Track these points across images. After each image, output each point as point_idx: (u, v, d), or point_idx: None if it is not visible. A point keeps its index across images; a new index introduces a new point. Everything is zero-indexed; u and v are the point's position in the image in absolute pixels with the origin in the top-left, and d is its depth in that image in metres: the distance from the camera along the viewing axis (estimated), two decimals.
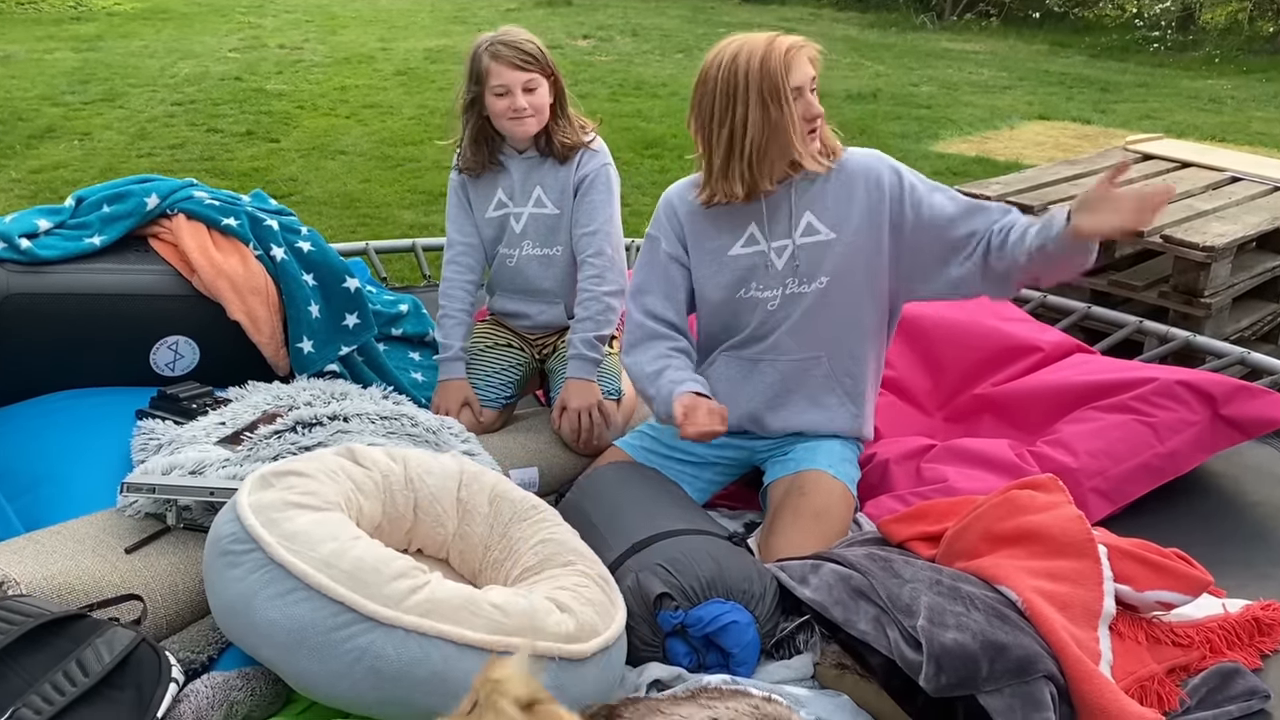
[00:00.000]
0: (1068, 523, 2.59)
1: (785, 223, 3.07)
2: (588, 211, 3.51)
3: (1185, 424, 3.27)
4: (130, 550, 2.50)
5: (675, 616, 2.44)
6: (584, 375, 3.45)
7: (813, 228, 3.06)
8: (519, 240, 3.58)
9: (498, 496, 2.63)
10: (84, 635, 2.13)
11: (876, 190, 3.04)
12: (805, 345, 3.12)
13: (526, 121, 3.43)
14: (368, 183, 8.05)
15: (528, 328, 3.73)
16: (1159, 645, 2.52)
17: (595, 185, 3.52)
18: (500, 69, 3.37)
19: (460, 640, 2.10)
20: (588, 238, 3.51)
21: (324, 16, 15.28)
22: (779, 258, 3.08)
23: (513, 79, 3.37)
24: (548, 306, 3.68)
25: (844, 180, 3.06)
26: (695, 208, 3.13)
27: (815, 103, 2.94)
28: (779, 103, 2.88)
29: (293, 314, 3.43)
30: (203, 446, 2.81)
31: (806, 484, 3.07)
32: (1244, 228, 4.95)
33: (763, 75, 2.89)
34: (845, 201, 3.05)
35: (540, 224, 3.56)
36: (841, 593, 2.49)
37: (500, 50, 3.37)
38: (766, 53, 2.90)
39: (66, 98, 10.18)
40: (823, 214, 3.05)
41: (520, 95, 3.38)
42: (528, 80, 3.37)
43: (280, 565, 2.13)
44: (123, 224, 3.43)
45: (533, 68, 3.38)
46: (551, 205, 3.54)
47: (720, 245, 3.12)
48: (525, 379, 3.74)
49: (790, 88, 2.89)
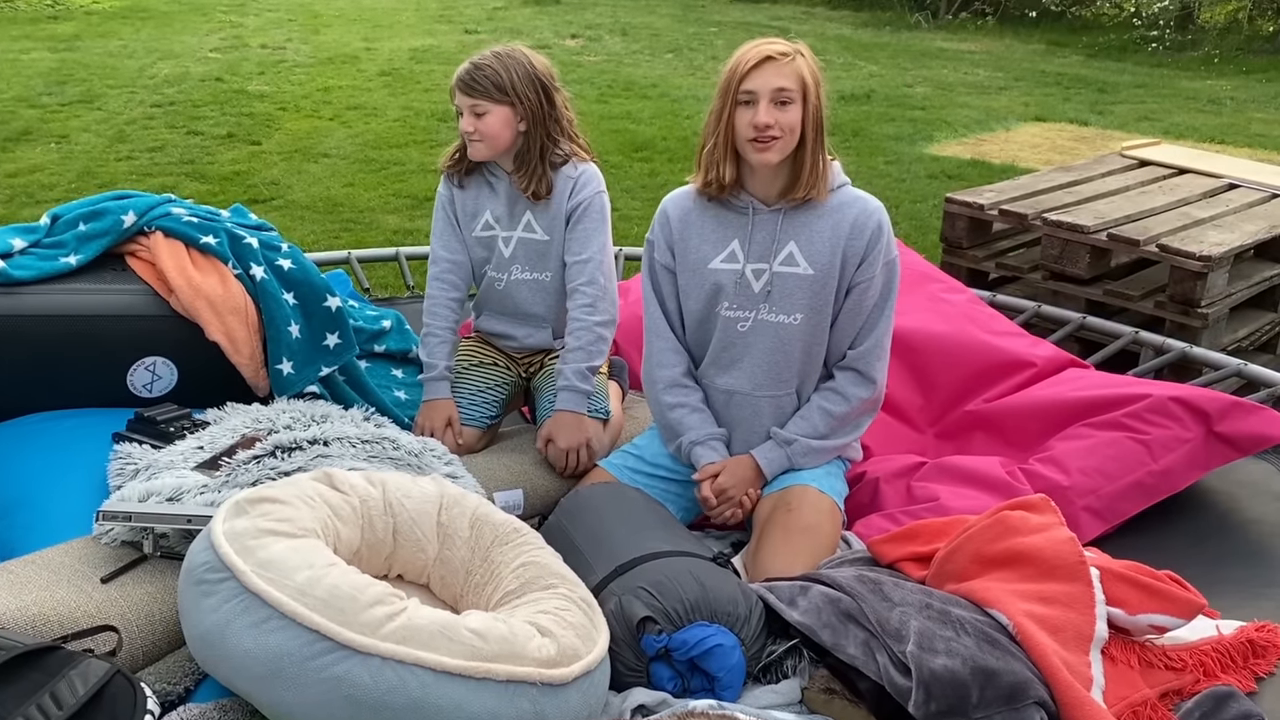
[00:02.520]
0: (1059, 545, 2.60)
1: (768, 246, 3.10)
2: (580, 239, 3.51)
3: (1179, 441, 3.29)
4: (106, 580, 2.49)
5: (659, 640, 2.44)
6: (574, 408, 3.44)
7: (793, 258, 3.09)
8: (508, 264, 3.58)
9: (479, 520, 2.64)
10: (58, 668, 2.13)
11: (858, 240, 3.08)
12: (777, 380, 3.17)
13: (474, 145, 3.45)
14: (351, 187, 8.05)
15: (514, 349, 3.73)
16: (1152, 669, 2.53)
17: (589, 213, 3.51)
18: (455, 89, 3.42)
19: (438, 667, 2.10)
20: (579, 266, 3.51)
21: (307, 15, 15.28)
22: (755, 280, 3.11)
23: (461, 101, 3.41)
24: (535, 330, 3.68)
25: (836, 220, 3.08)
26: (686, 214, 3.18)
27: (763, 113, 2.93)
28: (725, 98, 2.99)
29: (272, 334, 3.43)
30: (180, 472, 2.81)
31: (793, 500, 3.09)
32: (1241, 236, 4.96)
33: (729, 70, 2.99)
34: (829, 240, 3.08)
35: (530, 249, 3.56)
36: (830, 616, 2.50)
37: (461, 71, 3.41)
38: (743, 52, 3.00)
39: (43, 99, 10.17)
40: (806, 247, 3.09)
41: (467, 118, 3.40)
42: (473, 104, 3.38)
43: (255, 594, 2.13)
44: (99, 243, 3.43)
45: (478, 94, 3.37)
46: (542, 231, 3.54)
47: (702, 256, 3.16)
48: (511, 398, 3.74)
49: (741, 89, 2.96)
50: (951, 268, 5.36)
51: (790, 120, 2.96)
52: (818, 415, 3.16)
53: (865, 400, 3.17)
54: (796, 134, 2.98)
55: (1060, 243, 5.04)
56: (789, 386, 3.17)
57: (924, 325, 3.88)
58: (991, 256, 5.49)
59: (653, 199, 7.35)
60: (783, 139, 2.97)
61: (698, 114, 10.26)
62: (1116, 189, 5.60)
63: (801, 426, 3.16)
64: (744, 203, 3.12)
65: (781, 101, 2.94)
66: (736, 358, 3.17)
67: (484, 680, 2.12)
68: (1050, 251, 5.09)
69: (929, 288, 4.22)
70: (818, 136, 3.02)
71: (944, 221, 5.53)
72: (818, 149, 3.03)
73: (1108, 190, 5.56)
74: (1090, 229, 4.95)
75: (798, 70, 2.96)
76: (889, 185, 8.03)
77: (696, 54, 13.41)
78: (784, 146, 2.99)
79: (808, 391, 3.20)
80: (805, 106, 2.97)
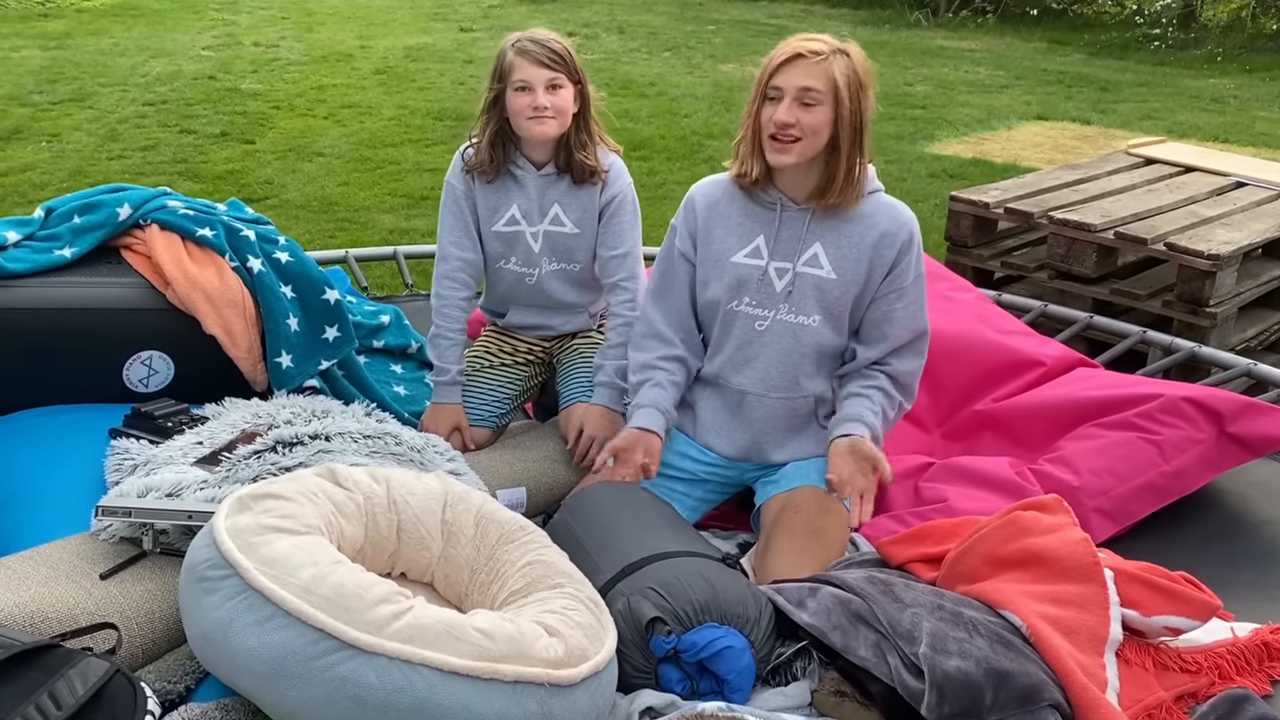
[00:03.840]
0: (1073, 545, 2.59)
1: (794, 245, 3.08)
2: (616, 233, 3.50)
3: (1191, 442, 3.28)
4: (105, 576, 2.48)
5: (668, 642, 2.43)
6: (611, 404, 3.43)
7: (817, 260, 3.07)
8: (538, 259, 3.53)
9: (484, 517, 2.62)
10: (56, 666, 2.11)
11: (888, 250, 3.06)
12: (792, 383, 3.15)
13: (547, 122, 3.35)
14: (346, 186, 8.04)
15: (548, 336, 3.71)
16: (1167, 672, 2.53)
17: (624, 207, 3.50)
18: (524, 64, 3.31)
19: (444, 667, 2.08)
20: (618, 260, 3.50)
21: (300, 13, 15.26)
22: (778, 279, 3.09)
23: (536, 75, 3.31)
24: (572, 316, 3.67)
25: (865, 226, 3.07)
26: (715, 203, 3.17)
27: (783, 111, 2.91)
28: (757, 91, 2.98)
29: (270, 327, 3.40)
30: (179, 467, 2.79)
31: (801, 501, 3.08)
32: (1250, 235, 4.97)
33: (764, 63, 2.98)
34: (856, 246, 3.06)
35: (557, 242, 3.52)
36: (840, 617, 2.49)
37: (526, 45, 3.33)
38: (780, 46, 2.98)
39: (34, 98, 10.15)
40: (831, 250, 3.07)
41: (542, 93, 3.31)
42: (551, 78, 3.31)
43: (258, 591, 2.12)
44: (94, 235, 3.41)
45: (558, 68, 3.32)
46: (571, 225, 3.50)
47: (726, 248, 3.14)
48: (521, 397, 3.73)
49: (769, 85, 2.95)
50: (956, 267, 5.36)
51: (814, 122, 2.91)
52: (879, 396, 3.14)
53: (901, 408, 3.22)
54: (821, 137, 2.94)
55: (1067, 241, 5.04)
56: (802, 389, 3.16)
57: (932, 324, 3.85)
58: (997, 255, 5.49)
59: (650, 198, 7.36)
60: (804, 141, 2.93)
61: (695, 113, 10.27)
62: (1123, 187, 5.61)
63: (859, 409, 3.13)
64: (773, 198, 3.10)
65: (806, 102, 2.90)
66: (751, 356, 3.15)
67: (491, 681, 2.11)
68: (1056, 250, 5.09)
69: (936, 286, 4.18)
70: (855, 141, 2.96)
71: (949, 220, 5.53)
72: (854, 155, 2.97)
73: (1114, 188, 5.57)
74: (1097, 227, 4.95)
75: (829, 71, 2.90)
76: (890, 185, 7.84)
77: (694, 52, 13.40)
78: (804, 149, 2.95)
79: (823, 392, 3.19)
80: (837, 109, 2.92)
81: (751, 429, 3.20)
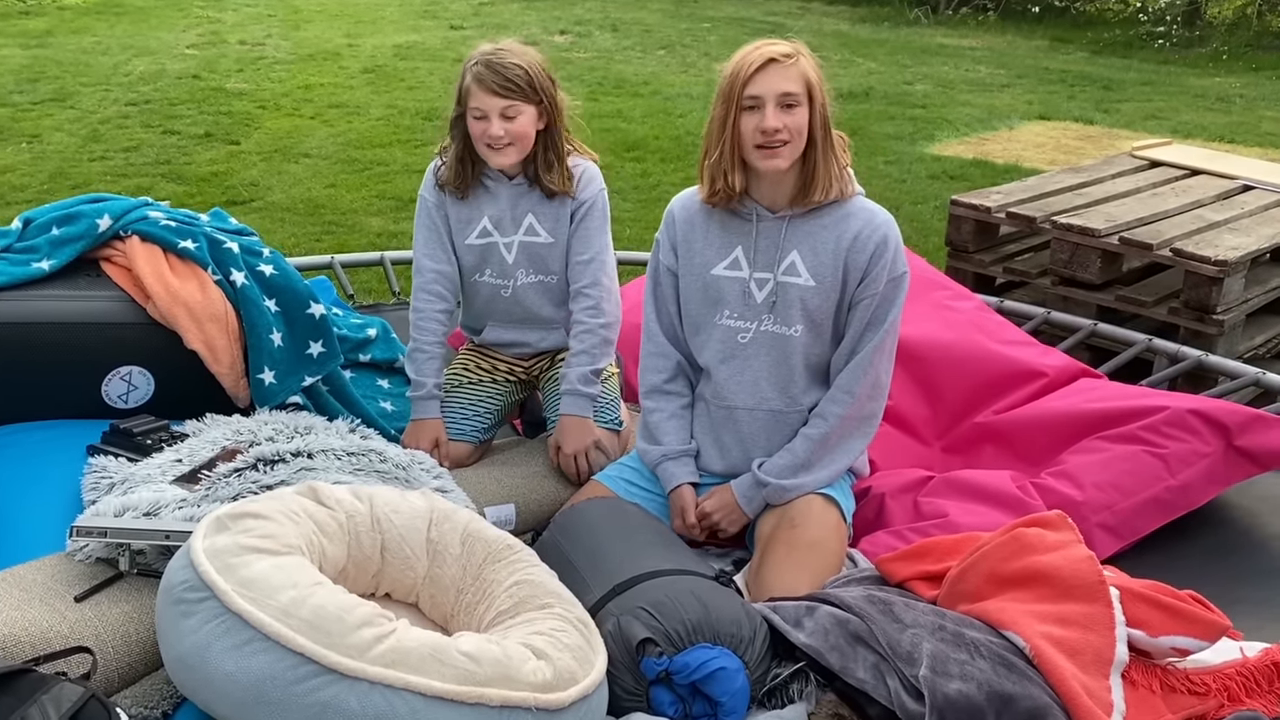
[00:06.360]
0: (1078, 564, 2.58)
1: (772, 255, 3.08)
2: (583, 239, 3.49)
3: (1198, 456, 3.27)
4: (80, 598, 2.46)
5: (660, 663, 2.42)
6: (579, 412, 3.43)
7: (795, 269, 3.07)
8: (513, 270, 3.53)
9: (470, 536, 2.61)
10: (29, 692, 2.10)
11: (860, 253, 3.05)
12: (784, 396, 3.14)
13: (505, 150, 3.34)
14: (333, 188, 8.02)
15: (525, 354, 3.70)
16: (1174, 694, 2.51)
17: (592, 212, 3.49)
18: (479, 92, 3.28)
19: (428, 692, 2.08)
20: (582, 266, 3.49)
21: (287, 11, 15.24)
22: (759, 290, 3.09)
23: (490, 104, 3.28)
24: (549, 332, 3.65)
25: (840, 231, 3.06)
26: (692, 216, 3.17)
27: (770, 117, 2.92)
28: (729, 104, 2.96)
29: (253, 342, 3.39)
30: (158, 486, 2.78)
31: (797, 514, 3.06)
32: (1257, 240, 4.96)
33: (730, 75, 2.97)
34: (831, 251, 3.06)
35: (532, 252, 3.51)
36: (838, 638, 2.48)
37: (481, 73, 3.28)
38: (744, 55, 2.97)
39: (14, 98, 10.13)
40: (808, 257, 3.07)
41: (496, 122, 3.28)
42: (506, 107, 3.28)
43: (236, 614, 2.11)
44: (73, 247, 3.39)
45: (514, 95, 3.27)
46: (545, 234, 3.49)
47: (705, 261, 3.14)
48: (504, 412, 3.72)
49: (745, 94, 2.94)
50: (957, 272, 5.35)
51: (798, 123, 2.94)
52: (799, 442, 3.12)
53: (844, 418, 3.09)
54: (804, 137, 2.97)
55: (1070, 246, 5.03)
56: (794, 403, 3.14)
57: (930, 334, 3.86)
58: (998, 261, 5.48)
59: (645, 200, 7.35)
60: (791, 143, 2.96)
61: (690, 113, 10.25)
62: (1128, 191, 5.60)
63: (783, 460, 3.11)
64: (748, 209, 3.09)
65: (788, 105, 2.93)
66: (738, 370, 3.14)
67: (477, 705, 2.11)
68: (1060, 256, 5.09)
69: (934, 294, 4.19)
70: (827, 137, 3.00)
71: (949, 224, 5.52)
72: (828, 149, 3.01)
73: (1119, 192, 5.56)
74: (1101, 232, 4.94)
75: (802, 71, 2.95)
76: (889, 186, 8.03)
77: (689, 51, 13.39)
78: (792, 151, 2.97)
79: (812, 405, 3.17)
80: (812, 108, 2.96)
81: (743, 444, 3.19)
